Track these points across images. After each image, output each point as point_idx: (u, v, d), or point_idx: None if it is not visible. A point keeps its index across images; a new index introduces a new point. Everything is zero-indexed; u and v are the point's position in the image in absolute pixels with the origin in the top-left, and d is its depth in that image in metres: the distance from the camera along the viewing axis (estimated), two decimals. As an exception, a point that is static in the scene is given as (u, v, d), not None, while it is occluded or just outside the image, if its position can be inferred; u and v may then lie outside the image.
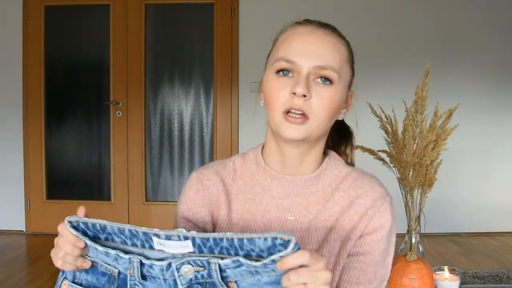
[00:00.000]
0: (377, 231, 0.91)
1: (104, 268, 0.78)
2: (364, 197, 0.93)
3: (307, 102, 0.85)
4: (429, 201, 1.28)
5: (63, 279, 0.79)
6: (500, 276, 2.85)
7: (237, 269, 0.69)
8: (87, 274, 0.78)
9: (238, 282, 0.70)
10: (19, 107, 3.94)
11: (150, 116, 3.99)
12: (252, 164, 0.98)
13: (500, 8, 3.87)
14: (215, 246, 0.68)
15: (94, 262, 0.78)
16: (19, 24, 3.90)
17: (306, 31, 0.90)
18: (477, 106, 3.85)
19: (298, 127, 0.86)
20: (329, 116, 0.89)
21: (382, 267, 0.93)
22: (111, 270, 0.77)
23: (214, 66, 3.92)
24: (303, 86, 0.84)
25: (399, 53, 3.85)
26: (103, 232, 0.74)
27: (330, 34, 0.91)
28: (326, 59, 0.87)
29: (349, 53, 0.94)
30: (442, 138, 1.23)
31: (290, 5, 3.68)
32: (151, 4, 3.93)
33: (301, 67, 0.86)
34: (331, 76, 0.87)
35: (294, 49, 0.88)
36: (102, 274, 0.78)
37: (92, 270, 0.79)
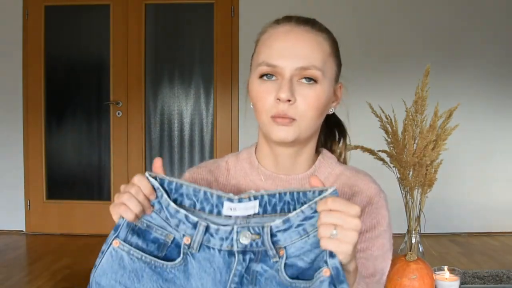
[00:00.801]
0: (375, 227, 0.92)
1: (160, 233, 0.78)
2: (359, 195, 0.94)
3: (292, 105, 0.85)
4: (429, 201, 1.28)
5: (114, 237, 0.78)
6: (500, 276, 2.85)
7: (287, 232, 0.73)
8: (138, 238, 0.78)
9: (287, 247, 0.74)
10: (19, 107, 3.94)
11: (150, 116, 3.99)
12: (246, 163, 0.98)
13: (500, 8, 3.87)
14: (279, 201, 0.74)
15: (149, 226, 0.78)
16: (19, 24, 3.90)
17: (285, 31, 0.89)
18: (477, 106, 3.85)
19: (287, 128, 0.86)
20: (317, 115, 0.88)
21: (382, 260, 0.93)
22: (167, 235, 0.78)
23: (214, 66, 3.92)
24: (286, 90, 0.84)
25: (399, 53, 3.85)
26: (176, 192, 0.78)
27: (309, 31, 0.89)
28: (308, 59, 0.86)
29: (332, 46, 0.92)
30: (442, 138, 1.23)
31: (290, 5, 3.68)
32: (151, 4, 3.93)
33: (284, 70, 0.85)
34: (315, 75, 0.86)
35: (275, 52, 0.87)
36: (153, 241, 0.78)
37: (144, 235, 0.78)
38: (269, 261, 0.75)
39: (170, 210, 0.77)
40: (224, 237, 0.76)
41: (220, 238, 0.76)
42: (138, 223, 0.78)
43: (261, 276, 0.75)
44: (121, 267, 0.77)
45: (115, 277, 0.76)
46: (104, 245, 0.78)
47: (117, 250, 0.77)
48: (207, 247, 0.77)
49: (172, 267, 0.77)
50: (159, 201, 0.77)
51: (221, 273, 0.76)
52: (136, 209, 0.75)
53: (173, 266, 0.77)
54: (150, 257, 0.77)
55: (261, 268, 0.75)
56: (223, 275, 0.76)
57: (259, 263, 0.75)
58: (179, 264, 0.77)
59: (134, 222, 0.77)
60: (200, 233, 0.76)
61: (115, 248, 0.77)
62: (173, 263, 0.77)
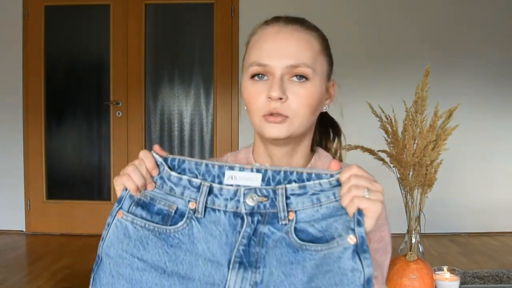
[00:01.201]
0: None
1: (163, 203, 0.80)
2: None
3: (284, 103, 0.87)
4: (429, 201, 1.28)
5: (118, 209, 0.80)
6: (500, 276, 2.85)
7: (300, 197, 0.75)
8: (142, 210, 0.80)
9: (298, 212, 0.75)
10: (19, 107, 3.94)
11: (150, 116, 3.99)
12: (243, 162, 1.00)
13: (500, 8, 3.87)
14: (283, 179, 0.76)
15: (152, 198, 0.81)
16: (19, 24, 3.90)
17: (274, 31, 0.90)
18: (477, 106, 3.85)
19: (280, 126, 0.88)
20: (310, 112, 0.90)
21: (382, 253, 0.94)
22: (170, 205, 0.80)
23: (214, 66, 3.92)
24: (277, 89, 0.85)
25: (399, 53, 3.85)
26: (179, 168, 0.80)
27: (298, 30, 0.90)
28: (298, 57, 0.87)
29: (322, 44, 0.93)
30: (442, 138, 1.23)
31: (290, 5, 3.68)
32: (151, 4, 3.93)
33: (274, 69, 0.87)
34: (305, 73, 0.87)
35: (265, 52, 0.88)
36: (157, 212, 0.80)
37: (148, 207, 0.80)
38: (277, 223, 0.76)
39: (173, 180, 0.80)
40: (229, 198, 0.77)
41: (224, 198, 0.78)
42: (141, 197, 0.81)
43: (268, 238, 0.76)
44: (126, 236, 0.79)
45: (121, 246, 0.78)
46: (109, 218, 0.81)
47: (122, 221, 0.79)
48: (212, 209, 0.78)
49: (175, 231, 0.79)
50: (161, 176, 0.80)
51: (227, 235, 0.77)
52: (138, 181, 0.78)
53: (176, 231, 0.79)
54: (154, 224, 0.79)
55: (268, 230, 0.76)
56: (229, 237, 0.77)
57: (266, 225, 0.76)
58: (182, 228, 0.79)
59: (136, 195, 0.80)
60: (203, 194, 0.78)
61: (120, 219, 0.79)
62: (175, 227, 0.79)
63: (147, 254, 0.78)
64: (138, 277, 0.78)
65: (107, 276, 0.78)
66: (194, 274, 0.78)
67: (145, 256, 0.78)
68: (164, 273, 0.77)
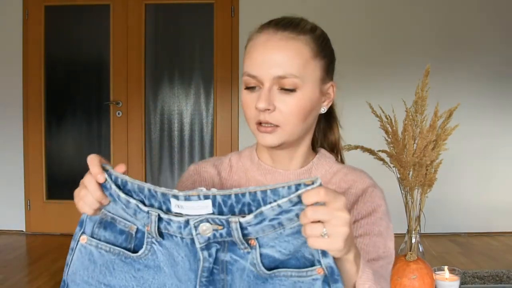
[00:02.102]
0: (371, 214, 0.93)
1: (123, 224, 0.77)
2: (354, 188, 0.96)
3: (273, 113, 0.88)
4: (429, 201, 1.28)
5: (81, 234, 0.77)
6: (500, 276, 2.85)
7: (259, 225, 0.67)
8: (105, 231, 0.77)
9: (259, 238, 0.68)
10: (19, 107, 3.94)
11: (150, 116, 3.99)
12: (247, 160, 1.01)
13: (500, 8, 3.87)
14: (236, 203, 0.66)
15: (113, 218, 0.77)
16: (19, 24, 3.90)
17: (263, 41, 0.90)
18: (477, 106, 3.85)
19: (271, 135, 0.90)
20: (301, 120, 0.90)
21: (383, 249, 0.93)
22: (130, 226, 0.76)
23: (214, 66, 3.92)
24: (263, 100, 0.87)
25: (399, 53, 3.85)
26: (124, 187, 0.73)
27: (287, 37, 0.89)
28: (285, 68, 0.87)
29: (314, 48, 0.91)
30: (442, 138, 1.23)
31: (290, 5, 3.67)
32: (151, 4, 3.93)
33: (262, 80, 0.88)
34: (293, 83, 0.87)
35: (254, 62, 0.89)
36: (120, 232, 0.77)
37: (110, 227, 0.77)
38: (238, 250, 0.70)
39: (122, 201, 0.73)
40: (182, 226, 0.70)
41: (177, 226, 0.70)
42: (103, 216, 0.77)
43: (232, 266, 0.71)
44: (92, 262, 0.76)
45: (87, 273, 0.76)
46: (72, 242, 0.78)
47: (86, 246, 0.76)
48: (169, 234, 0.72)
49: (140, 257, 0.76)
50: (110, 193, 0.74)
51: (190, 261, 0.72)
52: (93, 204, 0.74)
53: (141, 256, 0.76)
54: (119, 248, 0.76)
55: (230, 258, 0.71)
56: (192, 264, 0.72)
57: (228, 253, 0.70)
58: (144, 255, 0.76)
59: (96, 215, 0.77)
60: (153, 222, 0.71)
61: (84, 244, 0.77)
62: (137, 255, 0.75)
63: (114, 280, 0.76)
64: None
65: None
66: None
67: (112, 281, 0.76)
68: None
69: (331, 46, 0.97)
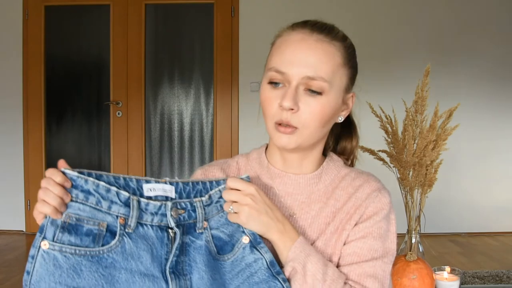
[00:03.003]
0: (371, 218, 0.93)
1: (92, 223, 0.77)
2: (361, 191, 0.95)
3: (295, 114, 0.87)
4: (429, 201, 1.28)
5: (42, 239, 0.76)
6: (500, 276, 2.85)
7: (209, 207, 0.85)
8: (70, 235, 0.76)
9: (209, 220, 0.85)
10: (19, 107, 3.94)
11: (150, 116, 3.99)
12: (256, 163, 1.01)
13: (500, 8, 3.87)
14: (192, 189, 0.84)
15: (78, 219, 0.77)
16: (19, 24, 3.90)
17: (297, 39, 0.89)
18: (477, 106, 3.85)
19: (289, 136, 0.89)
20: (321, 125, 0.90)
21: (381, 252, 0.92)
22: (100, 223, 0.77)
23: (214, 66, 3.92)
24: (289, 99, 0.86)
25: (399, 53, 3.85)
26: (99, 180, 0.79)
27: (322, 40, 0.89)
28: (316, 69, 0.87)
29: (345, 56, 0.92)
30: (442, 138, 1.23)
31: (290, 5, 3.68)
32: (151, 4, 3.93)
33: (291, 77, 0.87)
34: (321, 87, 0.87)
35: (285, 59, 0.88)
36: (87, 234, 0.77)
37: (76, 230, 0.77)
38: (194, 232, 0.83)
39: (101, 191, 0.77)
40: (154, 212, 0.81)
41: (150, 213, 0.80)
42: (66, 219, 0.76)
43: (189, 247, 0.82)
44: (57, 267, 0.75)
45: (53, 279, 0.74)
46: (32, 250, 0.76)
47: (48, 252, 0.75)
48: (140, 224, 0.80)
49: (108, 251, 0.77)
50: (83, 188, 0.77)
51: (156, 249, 0.80)
52: (53, 201, 0.74)
53: (109, 250, 0.77)
54: (84, 249, 0.76)
55: (189, 240, 0.83)
56: (158, 250, 0.80)
57: (187, 235, 0.83)
58: (115, 247, 0.77)
59: (58, 217, 0.76)
60: (135, 208, 0.79)
61: (46, 250, 0.75)
62: (109, 246, 0.77)
63: (83, 281, 0.75)
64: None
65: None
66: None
67: (81, 283, 0.75)
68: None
69: (356, 58, 0.97)
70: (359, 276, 0.89)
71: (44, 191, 0.75)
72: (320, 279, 0.84)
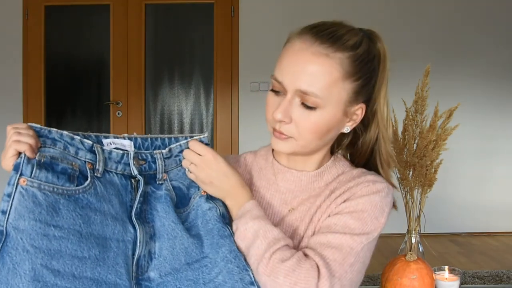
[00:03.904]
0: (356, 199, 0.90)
1: (66, 162, 0.79)
2: (355, 181, 0.93)
3: (287, 125, 0.88)
4: (429, 201, 1.28)
5: (19, 176, 0.74)
6: (500, 276, 2.85)
7: (169, 160, 0.90)
8: (47, 172, 0.76)
9: (169, 172, 0.90)
10: (19, 107, 3.94)
11: (150, 116, 4.00)
12: (262, 159, 1.02)
13: (500, 8, 3.87)
14: (150, 145, 0.89)
15: (54, 157, 0.78)
16: (19, 24, 3.90)
17: (296, 49, 0.87)
18: (477, 106, 3.85)
19: (284, 142, 0.90)
20: (317, 137, 0.89)
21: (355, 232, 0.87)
22: (72, 163, 0.80)
23: (214, 66, 3.92)
24: (280, 111, 0.86)
25: (399, 53, 3.84)
26: (61, 138, 0.82)
27: (320, 53, 0.85)
28: (309, 84, 0.84)
29: (348, 68, 0.86)
30: (442, 138, 1.23)
31: (289, 6, 3.68)
32: (151, 4, 3.93)
33: (287, 88, 0.87)
34: (314, 102, 0.85)
35: (283, 69, 0.88)
36: (62, 172, 0.78)
37: (52, 167, 0.77)
38: (154, 183, 0.88)
39: (65, 138, 0.81)
40: (117, 161, 0.85)
41: (114, 161, 0.84)
42: (40, 158, 0.77)
43: (150, 196, 0.86)
44: (37, 204, 0.74)
45: (33, 216, 0.73)
46: (7, 187, 0.74)
47: (27, 189, 0.74)
48: (106, 171, 0.84)
49: (83, 191, 0.79)
50: (48, 136, 0.80)
51: (122, 195, 0.84)
52: (29, 140, 0.77)
53: (84, 191, 0.79)
54: (61, 187, 0.77)
55: (150, 189, 0.87)
56: (124, 197, 0.84)
57: (148, 185, 0.87)
58: (88, 188, 0.79)
59: (32, 156, 0.77)
60: (100, 153, 0.82)
61: (24, 187, 0.74)
62: (83, 187, 0.79)
63: (62, 220, 0.75)
64: (56, 247, 0.73)
65: (20, 252, 0.71)
66: (105, 232, 0.79)
67: (60, 222, 0.74)
68: (81, 236, 0.76)
69: (373, 65, 0.91)
70: (321, 244, 0.85)
71: (17, 134, 0.77)
72: (261, 235, 0.84)
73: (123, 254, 0.80)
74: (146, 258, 0.82)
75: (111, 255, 0.78)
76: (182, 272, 0.83)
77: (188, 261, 0.84)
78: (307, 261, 0.81)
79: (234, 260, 0.83)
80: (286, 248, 0.83)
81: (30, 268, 0.71)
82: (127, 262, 0.80)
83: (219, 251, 0.84)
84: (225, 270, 0.82)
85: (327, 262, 0.82)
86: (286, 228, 0.94)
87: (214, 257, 0.84)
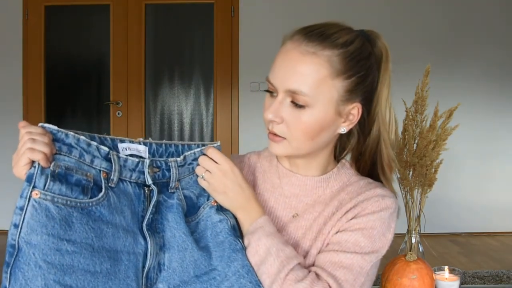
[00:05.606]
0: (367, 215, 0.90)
1: (80, 173, 0.76)
2: (364, 195, 0.93)
3: (279, 125, 0.88)
4: (429, 201, 1.28)
5: (31, 189, 0.72)
6: (500, 276, 2.85)
7: (182, 168, 0.88)
8: (61, 184, 0.74)
9: (181, 180, 0.88)
10: (19, 107, 3.94)
11: (150, 116, 4.00)
12: (266, 161, 1.01)
13: (500, 8, 3.87)
14: (165, 151, 0.87)
15: (69, 168, 0.76)
16: (19, 24, 3.90)
17: (286, 50, 0.88)
18: (477, 106, 3.85)
19: (278, 145, 0.90)
20: (309, 137, 0.88)
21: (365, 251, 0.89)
22: (87, 174, 0.77)
23: (214, 66, 3.92)
24: (271, 111, 0.87)
25: (399, 53, 3.84)
26: (77, 145, 0.80)
27: (307, 52, 0.85)
28: (298, 83, 0.85)
29: (337, 66, 0.85)
30: (442, 138, 1.23)
31: (289, 6, 3.67)
32: (151, 4, 3.93)
33: (277, 89, 0.87)
34: (303, 101, 0.85)
35: (274, 70, 0.88)
36: (76, 184, 0.75)
37: (66, 179, 0.75)
38: (166, 191, 0.86)
39: (82, 145, 0.78)
40: (132, 169, 0.82)
41: (129, 169, 0.82)
42: (55, 168, 0.75)
43: (162, 205, 0.85)
44: (50, 218, 0.72)
45: (46, 231, 0.71)
46: (20, 200, 0.72)
47: (40, 202, 0.72)
48: (120, 180, 0.81)
49: (97, 203, 0.76)
50: (65, 142, 0.77)
51: (134, 205, 0.82)
52: (43, 148, 0.73)
53: (97, 202, 0.77)
54: (75, 200, 0.74)
55: (162, 198, 0.85)
56: (136, 207, 0.82)
57: (160, 194, 0.85)
58: (102, 200, 0.77)
59: (47, 165, 0.74)
60: (116, 163, 0.79)
61: (37, 200, 0.72)
62: (97, 199, 0.77)
63: (75, 234, 0.73)
64: (69, 262, 0.72)
65: (32, 268, 0.70)
66: (117, 245, 0.77)
67: (73, 236, 0.73)
68: (94, 250, 0.74)
69: (369, 63, 0.90)
70: (333, 264, 0.86)
71: (32, 140, 0.74)
72: (274, 253, 0.84)
73: (133, 267, 0.79)
74: (155, 270, 0.82)
75: (122, 268, 0.77)
76: (191, 285, 0.82)
77: (197, 273, 0.83)
78: (319, 282, 0.84)
79: (246, 275, 0.83)
80: (299, 268, 0.85)
81: (42, 284, 0.69)
82: (137, 275, 0.80)
83: (230, 265, 0.84)
84: (237, 285, 0.82)
85: (340, 283, 0.85)
86: (290, 234, 0.93)
87: (224, 270, 0.84)
